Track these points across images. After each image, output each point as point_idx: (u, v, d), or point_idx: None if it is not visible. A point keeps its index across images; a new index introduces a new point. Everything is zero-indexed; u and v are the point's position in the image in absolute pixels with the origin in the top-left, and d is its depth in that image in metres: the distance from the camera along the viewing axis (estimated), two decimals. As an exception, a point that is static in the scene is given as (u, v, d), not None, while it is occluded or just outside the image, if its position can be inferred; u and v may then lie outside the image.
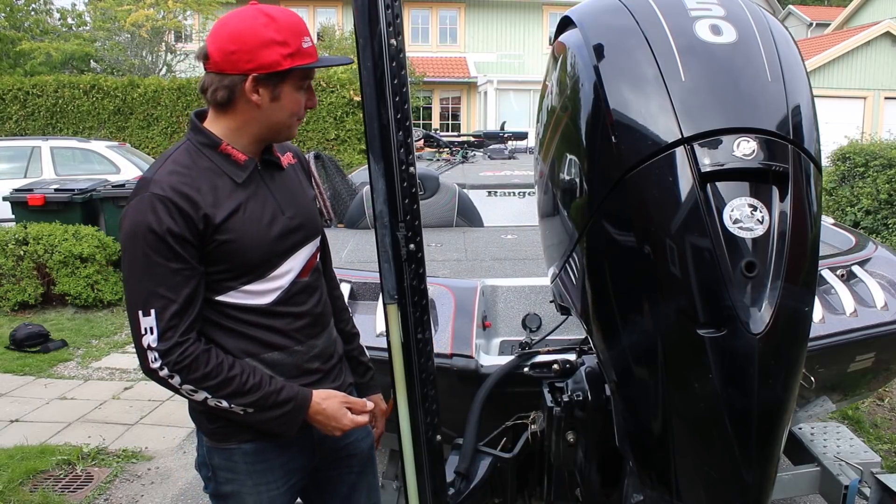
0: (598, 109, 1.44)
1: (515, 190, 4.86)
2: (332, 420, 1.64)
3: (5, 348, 5.88)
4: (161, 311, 1.47)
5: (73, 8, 21.48)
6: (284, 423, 1.61)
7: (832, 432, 2.88)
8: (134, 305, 1.49)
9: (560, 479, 1.97)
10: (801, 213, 1.32)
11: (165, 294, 1.48)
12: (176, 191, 1.49)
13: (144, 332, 1.48)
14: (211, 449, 1.71)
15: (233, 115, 1.58)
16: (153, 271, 1.47)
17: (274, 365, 1.64)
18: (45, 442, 4.16)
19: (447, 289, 2.45)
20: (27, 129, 15.37)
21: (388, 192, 1.45)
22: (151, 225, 1.46)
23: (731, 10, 1.43)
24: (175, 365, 1.49)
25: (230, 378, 1.53)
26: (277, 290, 1.64)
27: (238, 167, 1.59)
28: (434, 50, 22.67)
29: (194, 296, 1.52)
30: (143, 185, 1.52)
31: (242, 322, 1.61)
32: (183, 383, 1.51)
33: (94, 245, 6.91)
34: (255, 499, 1.72)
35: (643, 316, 1.40)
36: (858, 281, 2.58)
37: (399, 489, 2.62)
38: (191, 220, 1.49)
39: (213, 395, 1.53)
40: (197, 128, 1.61)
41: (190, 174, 1.53)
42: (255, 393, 1.56)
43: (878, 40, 18.89)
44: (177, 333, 1.48)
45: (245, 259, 1.57)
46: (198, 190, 1.52)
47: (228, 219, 1.54)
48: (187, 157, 1.57)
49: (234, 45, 1.50)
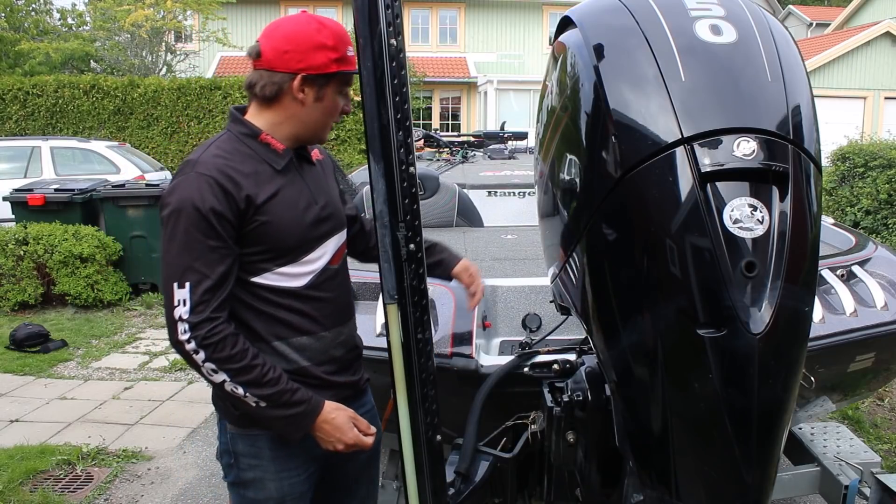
0: (598, 109, 1.44)
1: (515, 190, 4.86)
2: (337, 431, 1.68)
3: (5, 348, 5.88)
4: (195, 285, 1.55)
5: (73, 8, 21.48)
6: (292, 423, 1.65)
7: (832, 432, 2.88)
8: (170, 278, 1.56)
9: (560, 479, 1.97)
10: (801, 213, 1.32)
11: (201, 269, 1.55)
12: (220, 171, 1.58)
13: (177, 304, 1.55)
14: (234, 436, 1.76)
15: (276, 110, 1.68)
16: (192, 247, 1.55)
17: (302, 349, 1.72)
18: (45, 442, 4.16)
19: (447, 289, 2.45)
20: (27, 129, 15.37)
21: (388, 192, 1.45)
22: (195, 202, 1.55)
23: (731, 10, 1.43)
24: (203, 340, 1.55)
25: (252, 366, 1.59)
26: (310, 275, 1.72)
27: (277, 155, 1.69)
28: (434, 50, 22.66)
29: (228, 275, 1.59)
30: (188, 166, 1.61)
31: (274, 304, 1.69)
32: (206, 360, 1.56)
33: (94, 245, 6.91)
34: (276, 485, 1.77)
35: (643, 316, 1.40)
36: (858, 281, 2.58)
37: (399, 489, 2.61)
38: (233, 200, 1.58)
39: (232, 378, 1.58)
40: (238, 119, 1.71)
41: (233, 158, 1.63)
42: (272, 387, 1.61)
43: (878, 40, 18.89)
44: (208, 308, 1.55)
45: (281, 241, 1.66)
46: (240, 172, 1.61)
47: (268, 201, 1.63)
48: (230, 144, 1.67)
49: (288, 46, 1.62)
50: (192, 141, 15.60)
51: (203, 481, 3.73)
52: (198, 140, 15.59)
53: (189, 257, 1.55)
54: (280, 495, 1.79)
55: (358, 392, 1.91)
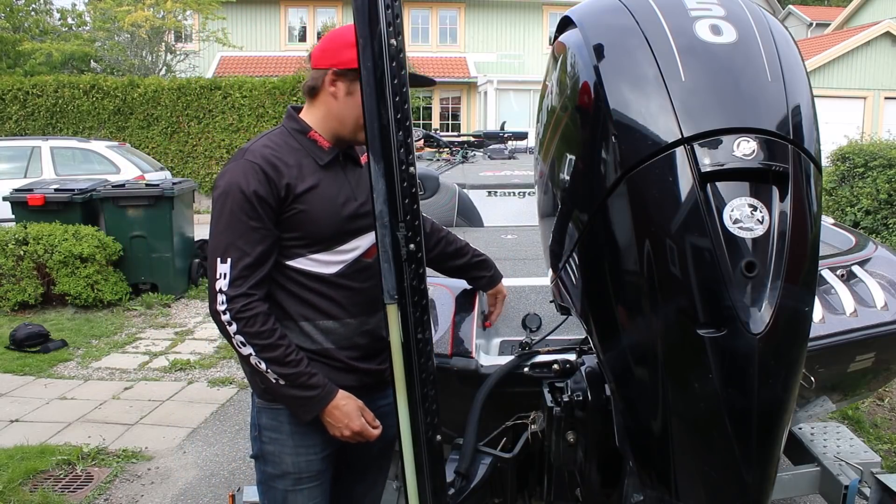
0: (598, 109, 1.44)
1: (515, 190, 4.85)
2: (346, 418, 1.78)
3: (5, 348, 5.89)
4: (236, 261, 1.70)
5: (74, 8, 21.48)
6: (304, 405, 1.77)
7: (832, 432, 2.88)
8: (214, 252, 1.72)
9: (560, 479, 1.97)
10: (801, 213, 1.32)
11: (242, 247, 1.70)
12: (266, 160, 1.74)
13: (219, 277, 1.70)
14: (261, 409, 1.89)
15: (317, 105, 1.85)
16: (235, 226, 1.71)
17: (327, 332, 1.84)
18: (45, 442, 4.16)
19: (447, 289, 2.45)
20: (27, 129, 15.38)
21: (388, 192, 1.45)
22: (241, 185, 1.71)
23: (731, 10, 1.43)
24: (237, 313, 1.69)
25: (277, 345, 1.72)
26: (341, 264, 1.84)
27: (322, 152, 1.84)
28: (434, 50, 22.66)
29: (267, 254, 1.74)
30: (240, 154, 1.78)
31: (305, 287, 1.82)
32: (237, 332, 1.70)
33: (94, 245, 6.91)
34: (293, 460, 1.88)
35: (643, 316, 1.40)
36: (858, 281, 2.57)
37: (399, 489, 2.61)
38: (275, 186, 1.73)
39: (258, 353, 1.71)
40: (292, 116, 1.88)
41: (280, 150, 1.79)
42: (292, 367, 1.73)
43: (878, 40, 18.89)
44: (246, 284, 1.70)
45: (316, 230, 1.79)
46: (285, 163, 1.76)
47: (307, 192, 1.77)
48: (280, 137, 1.83)
49: (326, 45, 1.82)
50: (192, 141, 15.61)
51: (203, 481, 3.73)
52: (198, 140, 15.60)
53: (232, 235, 1.70)
54: (296, 471, 1.88)
55: (381, 382, 1.98)
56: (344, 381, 1.87)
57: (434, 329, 2.30)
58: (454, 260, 2.27)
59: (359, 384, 1.90)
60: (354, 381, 1.89)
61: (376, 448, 2.03)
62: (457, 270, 2.31)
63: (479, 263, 2.30)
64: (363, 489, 2.13)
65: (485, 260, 2.31)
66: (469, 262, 2.28)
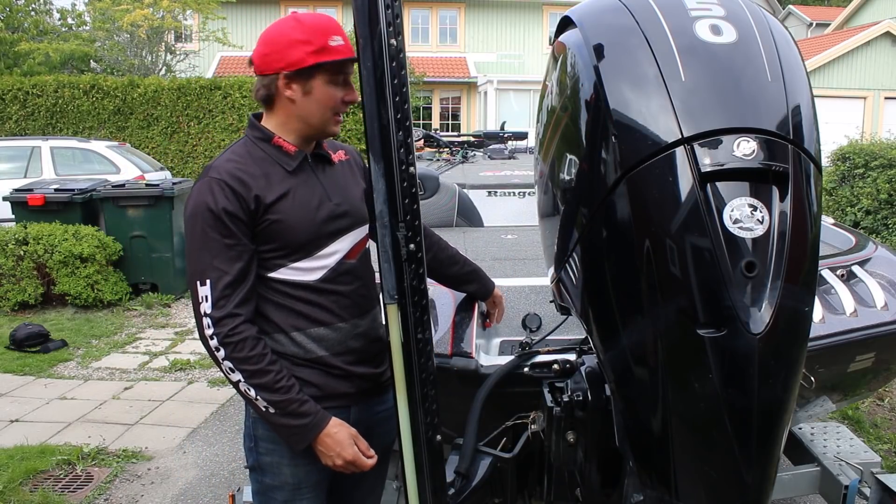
0: (598, 109, 1.44)
1: (515, 190, 4.85)
2: (338, 446, 1.73)
3: (5, 348, 5.88)
4: (216, 282, 1.65)
5: (73, 8, 21.48)
6: (296, 434, 1.71)
7: (832, 432, 2.88)
8: (192, 275, 1.68)
9: (560, 479, 1.97)
10: (801, 213, 1.32)
11: (220, 266, 1.65)
12: (231, 175, 1.69)
13: (201, 301, 1.65)
14: (256, 420, 1.83)
15: (276, 111, 1.78)
16: (209, 245, 1.66)
17: (319, 339, 1.80)
18: (45, 442, 4.16)
19: (447, 289, 2.45)
20: (27, 129, 15.36)
21: (388, 192, 1.45)
22: (209, 204, 1.66)
23: (731, 10, 1.43)
24: (224, 338, 1.64)
25: (267, 370, 1.66)
26: (324, 269, 1.79)
27: (289, 157, 1.77)
28: (434, 50, 22.66)
29: (247, 271, 1.69)
30: (205, 172, 1.73)
31: (291, 297, 1.77)
32: (225, 358, 1.65)
33: (94, 245, 6.90)
34: (292, 471, 1.83)
35: (643, 316, 1.40)
36: (858, 281, 2.57)
37: (399, 489, 2.61)
38: (243, 200, 1.68)
39: (247, 380, 1.66)
40: (254, 125, 1.81)
41: (245, 162, 1.73)
42: (283, 394, 1.68)
43: (878, 40, 18.88)
44: (230, 303, 1.65)
45: (293, 238, 1.74)
46: (251, 175, 1.71)
47: (278, 201, 1.71)
48: (243, 148, 1.78)
49: (267, 48, 1.72)
50: (192, 141, 15.60)
51: (203, 481, 3.73)
52: (198, 140, 15.59)
53: (208, 256, 1.65)
54: (295, 481, 1.84)
55: (379, 387, 1.95)
56: (341, 387, 1.84)
57: (434, 329, 2.30)
58: (448, 268, 2.24)
59: (356, 390, 1.87)
60: (352, 388, 1.86)
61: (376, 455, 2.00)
62: (450, 279, 2.28)
63: (471, 274, 2.28)
64: (361, 495, 2.10)
65: (475, 270, 2.29)
66: (462, 271, 2.26)
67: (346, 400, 1.85)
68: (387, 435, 1.99)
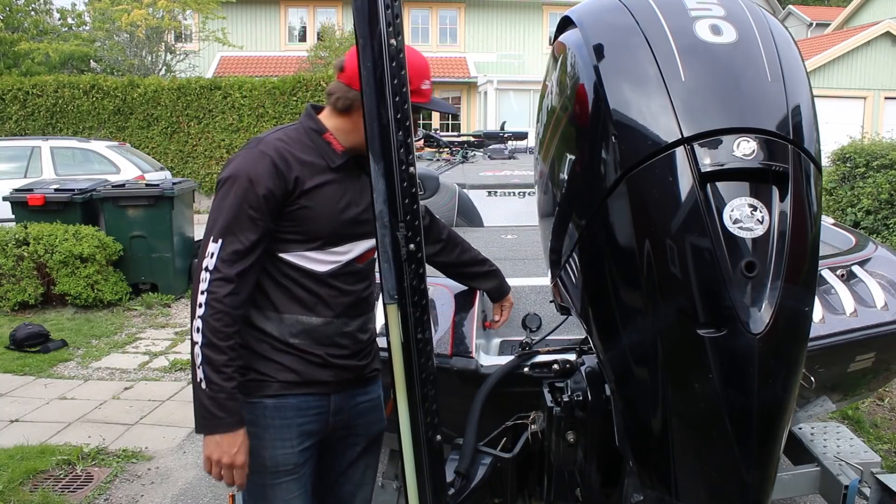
0: (598, 109, 1.44)
1: (515, 190, 4.85)
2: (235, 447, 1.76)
3: (5, 348, 5.89)
4: (227, 244, 1.72)
5: (73, 8, 21.48)
6: (206, 419, 1.76)
7: (832, 432, 2.88)
8: (208, 232, 1.75)
9: (560, 479, 1.97)
10: (801, 213, 1.32)
11: (237, 232, 1.73)
12: (279, 153, 1.77)
13: (207, 255, 1.73)
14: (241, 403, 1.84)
15: (346, 120, 1.86)
16: (236, 211, 1.73)
17: (309, 328, 1.86)
18: (45, 442, 4.16)
19: (447, 289, 2.45)
20: (27, 129, 15.37)
21: (388, 192, 1.44)
22: (251, 174, 1.74)
23: (731, 10, 1.43)
24: (211, 297, 1.70)
25: (225, 352, 1.71)
26: (333, 264, 1.87)
27: (335, 154, 1.86)
28: (434, 50, 22.65)
29: (257, 246, 1.76)
30: (254, 143, 1.81)
31: (294, 282, 1.84)
32: (201, 317, 1.71)
33: (94, 245, 6.91)
34: (270, 453, 1.88)
35: (643, 316, 1.40)
36: (858, 281, 2.57)
37: (399, 489, 2.61)
38: (283, 180, 1.76)
39: (203, 346, 1.71)
40: (311, 115, 1.90)
41: (293, 146, 1.81)
42: (222, 380, 1.72)
43: (878, 40, 18.89)
44: (232, 269, 1.71)
45: (315, 228, 1.82)
46: (296, 158, 1.79)
47: (313, 190, 1.80)
48: (295, 134, 1.86)
49: None
50: (192, 141, 15.60)
51: (203, 481, 3.73)
52: (198, 140, 15.60)
53: (231, 219, 1.73)
54: (273, 464, 1.88)
55: (361, 379, 2.02)
56: (320, 375, 1.90)
57: (434, 329, 2.30)
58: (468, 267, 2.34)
59: (335, 379, 1.93)
60: (330, 377, 1.92)
61: (360, 446, 2.08)
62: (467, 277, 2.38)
63: (489, 274, 2.36)
64: (351, 489, 2.13)
65: (495, 271, 2.38)
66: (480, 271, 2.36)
67: (325, 388, 1.91)
68: (371, 425, 2.07)
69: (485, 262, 2.37)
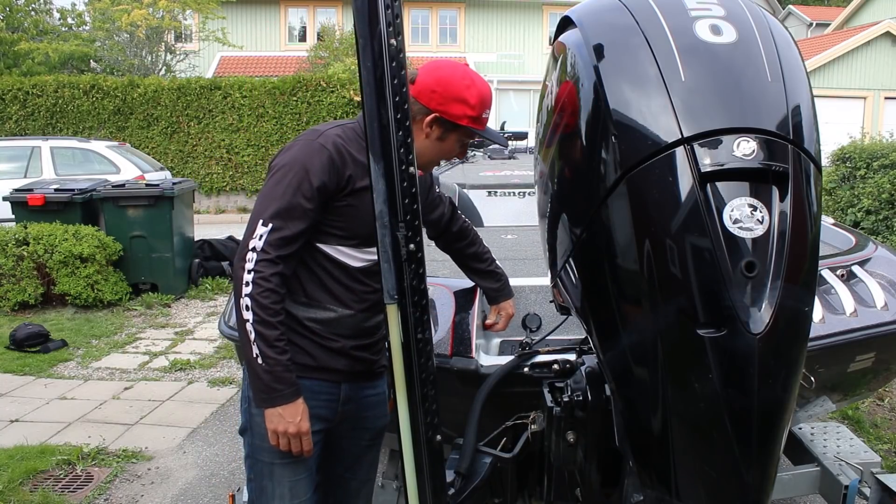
0: (598, 109, 1.44)
1: (515, 190, 4.86)
2: (299, 416, 1.81)
3: (5, 348, 5.88)
4: (275, 229, 1.77)
5: (73, 8, 21.48)
6: (265, 392, 1.79)
7: (832, 432, 2.88)
8: (258, 214, 1.79)
9: (560, 479, 1.97)
10: (801, 213, 1.32)
11: (286, 219, 1.78)
12: (336, 148, 1.83)
13: (254, 237, 1.78)
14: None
15: None
16: (288, 200, 1.78)
17: (334, 318, 1.92)
18: (45, 442, 4.16)
19: (447, 289, 2.45)
20: (27, 129, 15.38)
21: (388, 192, 1.45)
22: (308, 166, 1.79)
23: (731, 10, 1.43)
24: (258, 276, 1.76)
25: (276, 326, 1.77)
26: (367, 262, 1.93)
27: None
28: (434, 50, 22.65)
29: (303, 235, 1.82)
30: (312, 135, 1.86)
31: (327, 272, 1.91)
32: (248, 295, 1.76)
33: (94, 245, 6.90)
34: None
35: (643, 316, 1.40)
36: (858, 281, 2.57)
37: (399, 489, 2.61)
38: (336, 174, 1.82)
39: (255, 322, 1.76)
40: None
41: (350, 143, 1.87)
42: (277, 354, 1.77)
43: (878, 40, 18.90)
44: (275, 251, 1.77)
45: (356, 226, 1.87)
46: (352, 156, 1.85)
47: (362, 190, 1.83)
48: (352, 132, 1.90)
49: (437, 87, 1.87)
50: (192, 141, 15.60)
51: (203, 481, 3.73)
52: (198, 140, 15.60)
53: (283, 206, 1.77)
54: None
55: (371, 373, 2.07)
56: (334, 363, 1.94)
57: (434, 329, 2.30)
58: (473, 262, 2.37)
59: (349, 369, 1.97)
60: (345, 366, 1.96)
61: (365, 440, 2.13)
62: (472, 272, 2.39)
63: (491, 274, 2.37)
64: (357, 485, 2.18)
65: (495, 273, 2.38)
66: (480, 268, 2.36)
67: (337, 376, 1.96)
68: (377, 419, 2.12)
69: (487, 261, 2.38)
